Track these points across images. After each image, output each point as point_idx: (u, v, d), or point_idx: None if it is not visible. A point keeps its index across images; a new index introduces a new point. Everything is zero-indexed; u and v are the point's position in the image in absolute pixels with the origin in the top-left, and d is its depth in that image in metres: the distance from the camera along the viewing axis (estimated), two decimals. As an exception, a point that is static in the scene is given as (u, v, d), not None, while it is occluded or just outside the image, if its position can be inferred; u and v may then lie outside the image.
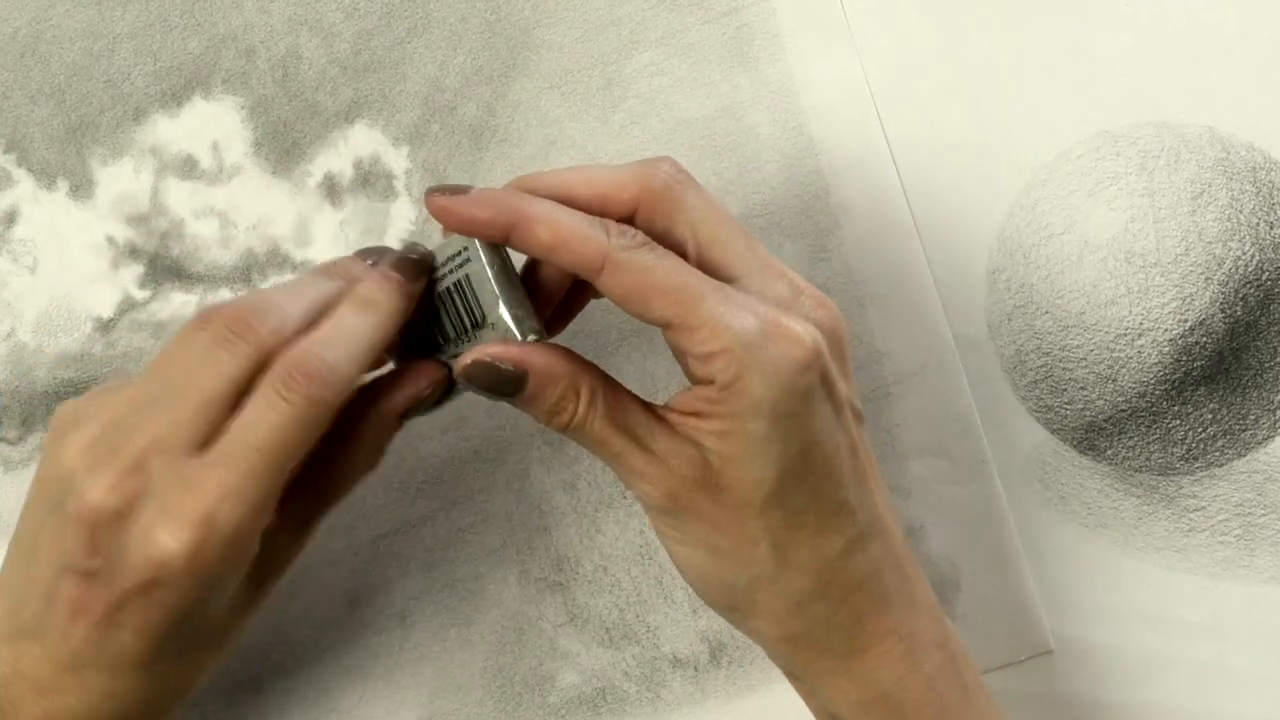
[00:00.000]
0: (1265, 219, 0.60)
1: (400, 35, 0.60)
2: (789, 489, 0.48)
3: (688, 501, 0.48)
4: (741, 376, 0.46)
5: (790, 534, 0.48)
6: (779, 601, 0.49)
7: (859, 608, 0.49)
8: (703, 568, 0.50)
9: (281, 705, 0.60)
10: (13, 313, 0.60)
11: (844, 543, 0.49)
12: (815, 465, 0.48)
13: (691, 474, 0.48)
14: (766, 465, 0.47)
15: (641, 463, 0.48)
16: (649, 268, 0.47)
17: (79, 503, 0.46)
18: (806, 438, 0.47)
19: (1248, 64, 0.60)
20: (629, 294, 0.47)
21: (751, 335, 0.46)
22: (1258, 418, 0.60)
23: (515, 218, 0.48)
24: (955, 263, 0.61)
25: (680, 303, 0.47)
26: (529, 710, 0.60)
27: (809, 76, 0.61)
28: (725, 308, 0.47)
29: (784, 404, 0.47)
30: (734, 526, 0.48)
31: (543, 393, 0.48)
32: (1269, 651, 0.60)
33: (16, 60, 0.60)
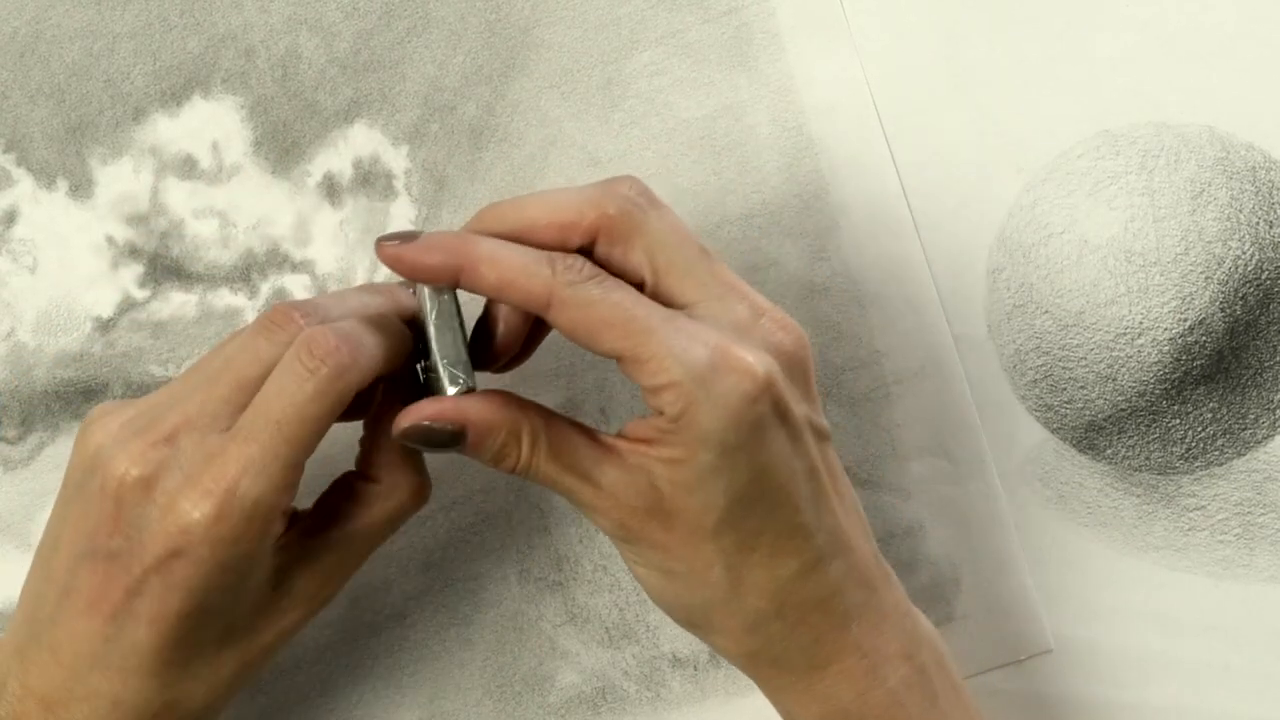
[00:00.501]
0: (1265, 218, 0.60)
1: (400, 35, 0.60)
2: (740, 515, 0.48)
3: (639, 530, 0.48)
4: (689, 410, 0.46)
5: (743, 557, 0.48)
6: (734, 621, 0.50)
7: (817, 626, 0.50)
8: (660, 589, 0.50)
9: (281, 705, 0.60)
10: (12, 313, 0.60)
11: (799, 565, 0.49)
12: (767, 492, 0.48)
13: (640, 503, 0.48)
14: (716, 493, 0.47)
15: (590, 496, 0.49)
16: (594, 301, 0.47)
17: (105, 474, 0.47)
18: (757, 467, 0.47)
19: (1248, 64, 0.60)
20: (576, 329, 0.47)
21: (700, 368, 0.46)
22: (1257, 417, 0.60)
23: (462, 260, 0.48)
24: (955, 262, 0.61)
25: (628, 335, 0.47)
26: (529, 710, 0.60)
27: (809, 76, 0.61)
28: (675, 339, 0.47)
29: (732, 436, 0.47)
30: (687, 550, 0.48)
31: (483, 443, 0.49)
32: (1269, 651, 0.60)
33: (16, 60, 0.60)
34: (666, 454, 0.47)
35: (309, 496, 0.60)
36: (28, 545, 0.59)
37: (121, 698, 0.48)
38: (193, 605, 0.47)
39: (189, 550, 0.46)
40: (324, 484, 0.60)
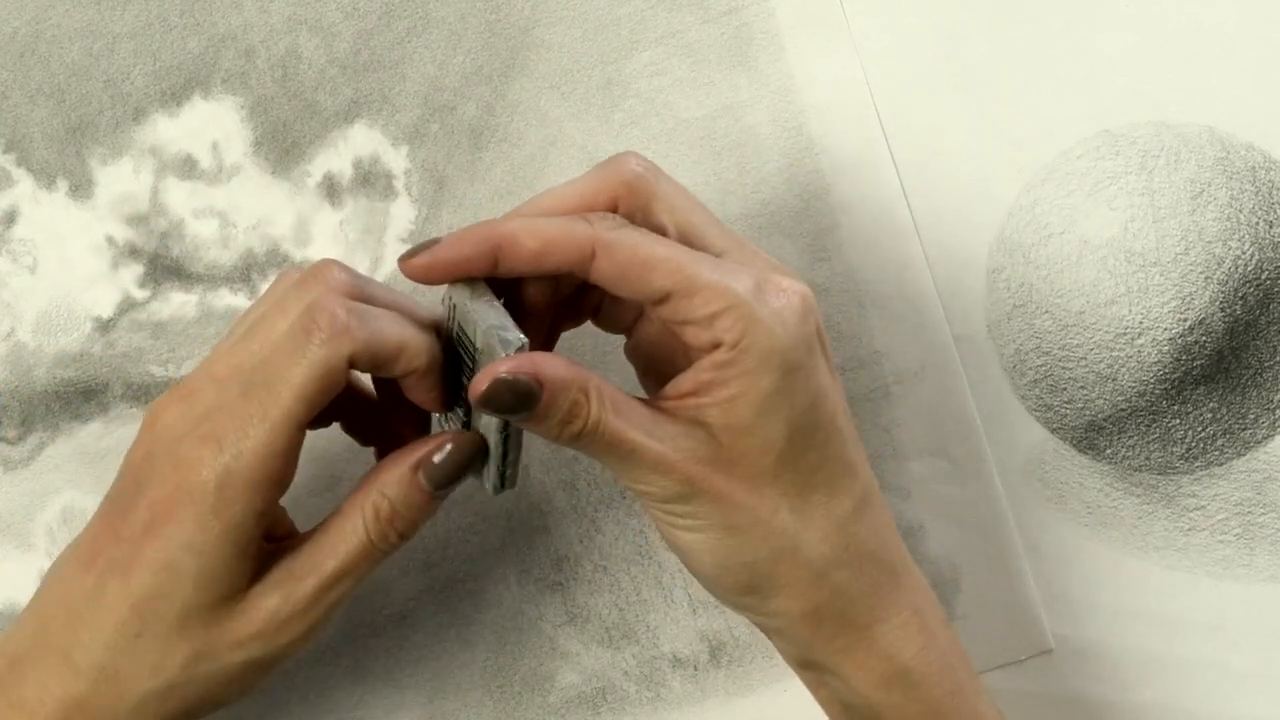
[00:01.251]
0: (1265, 218, 0.60)
1: (400, 35, 0.60)
2: (799, 448, 0.48)
3: (702, 483, 0.48)
4: (749, 331, 0.47)
5: (804, 498, 0.49)
6: (801, 572, 0.49)
7: (874, 576, 0.50)
8: (721, 551, 0.49)
9: (281, 705, 0.60)
10: (12, 313, 0.60)
11: (853, 504, 0.49)
12: (822, 420, 0.48)
13: (704, 453, 0.48)
14: (777, 424, 0.47)
15: (654, 455, 0.48)
16: (640, 243, 0.47)
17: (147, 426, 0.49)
18: (813, 390, 0.48)
19: (1248, 64, 0.60)
20: (625, 272, 0.47)
21: (751, 291, 0.47)
22: (1257, 417, 0.60)
23: (498, 240, 0.48)
24: (955, 262, 0.61)
25: (677, 270, 0.47)
26: (529, 710, 0.60)
27: (809, 76, 0.61)
28: (721, 272, 0.47)
29: (792, 354, 0.47)
30: (751, 499, 0.48)
31: (556, 400, 0.48)
32: (1269, 651, 0.60)
33: (16, 60, 0.60)
34: (721, 395, 0.47)
35: (308, 496, 0.60)
36: (27, 545, 0.59)
37: (72, 650, 0.48)
38: (162, 559, 0.47)
39: (176, 497, 0.47)
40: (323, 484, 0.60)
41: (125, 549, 0.48)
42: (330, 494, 0.60)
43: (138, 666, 0.48)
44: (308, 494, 0.60)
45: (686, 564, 0.51)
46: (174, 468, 0.47)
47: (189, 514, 0.47)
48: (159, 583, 0.47)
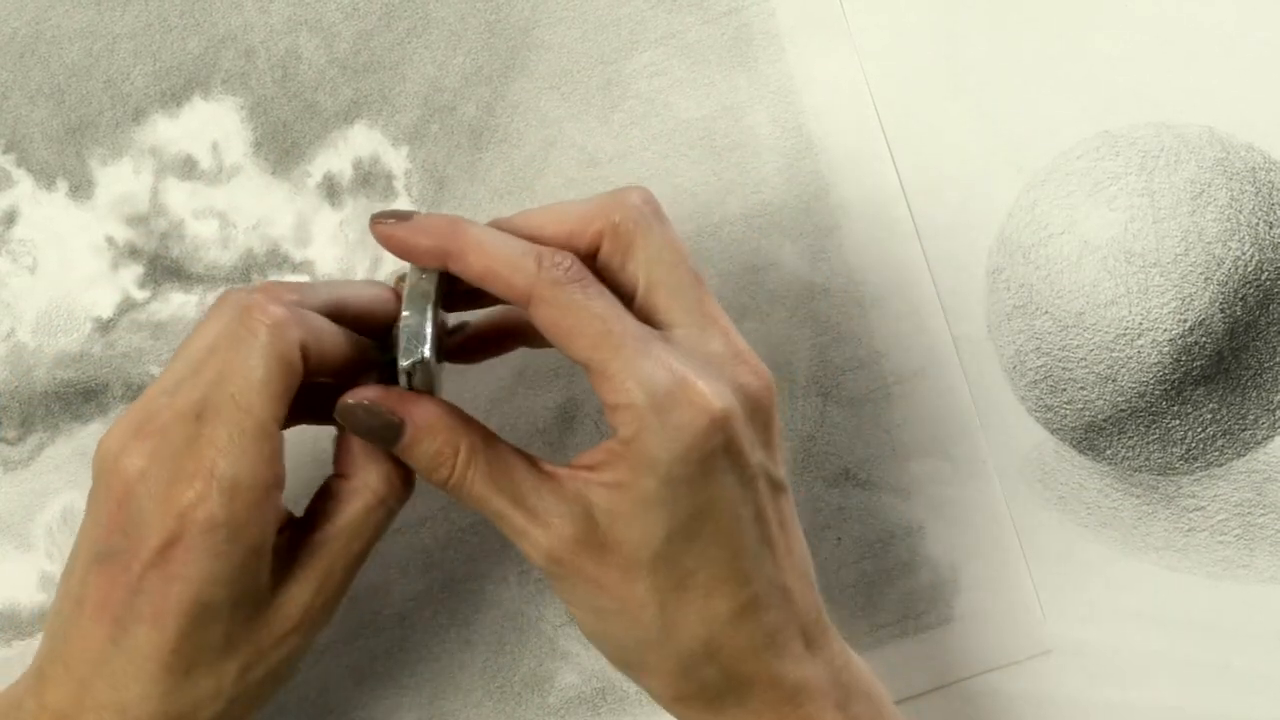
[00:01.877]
0: (1265, 219, 0.60)
1: (400, 35, 0.60)
2: (677, 551, 0.47)
3: (571, 562, 0.48)
4: (640, 434, 0.46)
5: (678, 596, 0.48)
6: (667, 663, 0.49)
7: (749, 673, 0.49)
8: (592, 627, 0.50)
9: (281, 705, 0.60)
10: (12, 313, 0.60)
11: (733, 608, 0.48)
12: (706, 531, 0.47)
13: (573, 532, 0.47)
14: (655, 525, 0.47)
15: (522, 522, 0.48)
16: (573, 306, 0.47)
17: (107, 475, 0.48)
18: (700, 502, 0.47)
19: (1248, 64, 0.60)
20: (551, 329, 0.47)
21: (659, 395, 0.46)
22: (1257, 417, 0.60)
23: (451, 245, 0.48)
24: (955, 263, 0.61)
25: (598, 348, 0.47)
26: (529, 710, 0.60)
27: (809, 76, 0.61)
28: (641, 361, 0.46)
29: (678, 468, 0.46)
30: (620, 588, 0.48)
31: (418, 445, 0.48)
32: (1269, 651, 0.60)
33: (16, 60, 0.60)
34: (609, 478, 0.47)
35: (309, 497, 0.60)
36: (27, 545, 0.59)
37: (127, 707, 0.48)
38: (192, 598, 0.47)
39: (183, 538, 0.46)
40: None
41: (145, 599, 0.47)
42: (330, 494, 0.60)
43: (198, 699, 0.48)
44: (308, 494, 0.60)
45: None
46: (168, 512, 0.47)
47: (204, 551, 0.46)
48: (196, 620, 0.47)
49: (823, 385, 0.60)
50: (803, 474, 0.60)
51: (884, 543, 0.61)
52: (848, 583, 0.61)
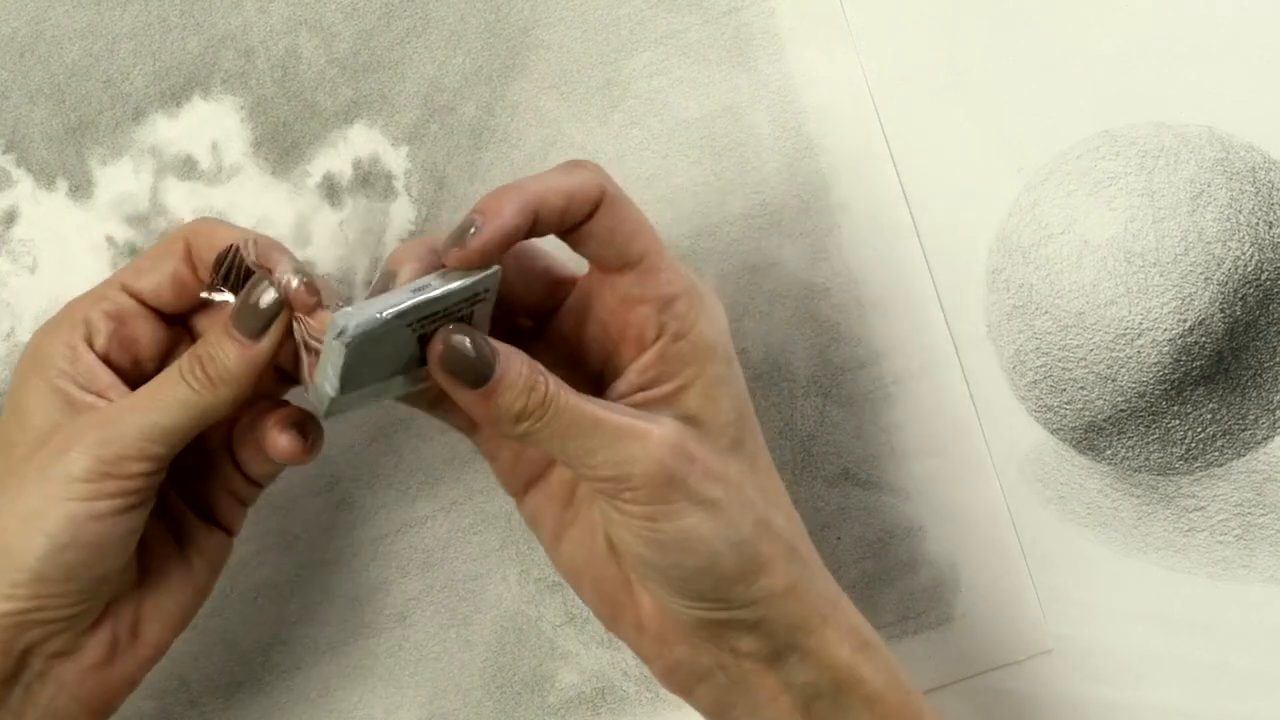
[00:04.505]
0: (1265, 219, 0.60)
1: (400, 35, 0.60)
2: (743, 430, 0.50)
3: (682, 455, 0.48)
4: (697, 323, 0.49)
5: (753, 477, 0.50)
6: (779, 545, 0.50)
7: (814, 553, 0.52)
8: (708, 535, 0.48)
9: (281, 705, 0.60)
10: (12, 313, 0.60)
11: (781, 485, 0.51)
12: (748, 409, 0.51)
13: (672, 431, 0.48)
14: (727, 407, 0.50)
15: (623, 427, 0.48)
16: (634, 207, 0.50)
17: None
18: (742, 384, 0.51)
19: (1248, 64, 0.60)
20: (618, 227, 0.49)
21: (697, 285, 0.50)
22: (1257, 417, 0.60)
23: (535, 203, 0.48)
24: (955, 263, 0.61)
25: (654, 242, 0.50)
26: (529, 710, 0.60)
27: (809, 76, 0.60)
28: (675, 260, 0.50)
29: (728, 349, 0.50)
30: (725, 472, 0.49)
31: (510, 372, 0.47)
32: (1269, 651, 0.60)
33: (16, 60, 0.60)
34: (671, 386, 0.49)
35: (308, 496, 0.60)
36: (28, 545, 0.59)
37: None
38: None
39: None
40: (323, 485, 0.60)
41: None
42: (330, 494, 0.60)
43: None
44: (308, 494, 0.60)
45: (671, 563, 0.49)
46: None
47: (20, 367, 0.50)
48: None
49: (823, 385, 0.60)
50: (803, 474, 0.60)
51: (884, 543, 0.61)
52: (848, 583, 0.60)
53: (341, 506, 0.60)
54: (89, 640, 0.50)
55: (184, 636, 0.59)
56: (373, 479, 0.60)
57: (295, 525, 0.60)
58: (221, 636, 0.60)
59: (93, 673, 0.50)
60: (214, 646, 0.60)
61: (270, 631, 0.60)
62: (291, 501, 0.60)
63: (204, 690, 0.60)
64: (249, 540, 0.59)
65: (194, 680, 0.60)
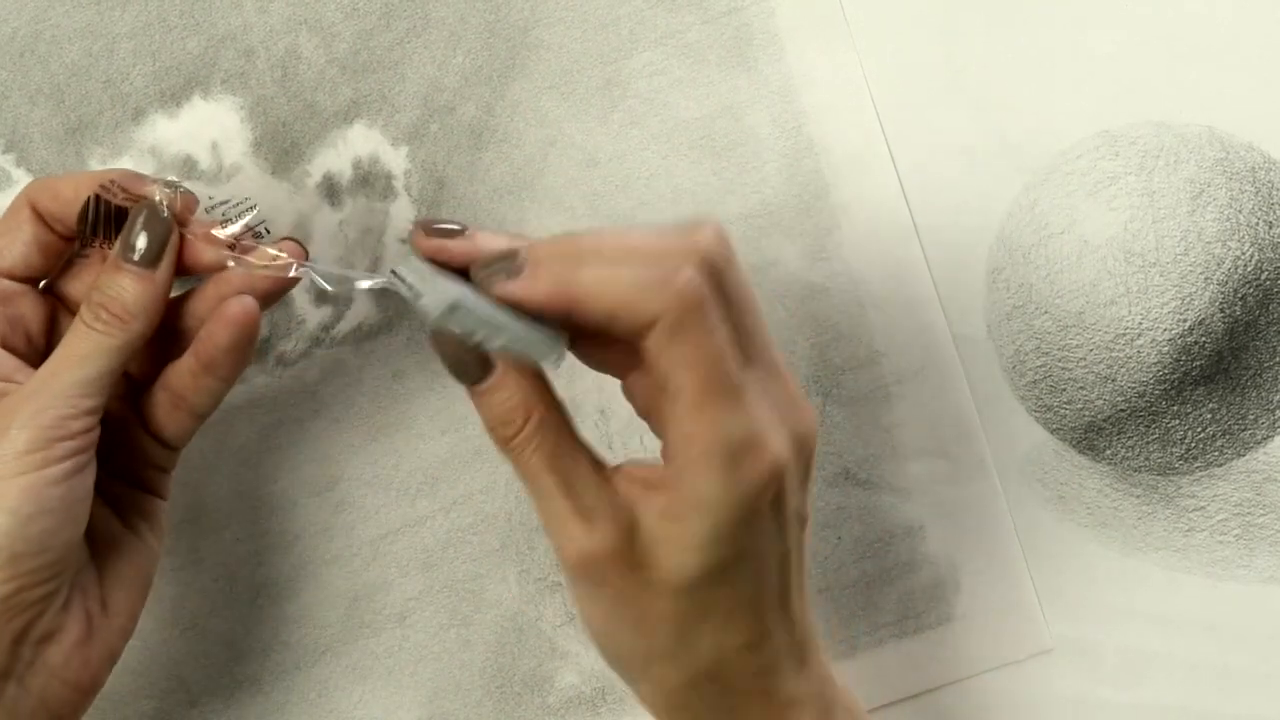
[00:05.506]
0: (1264, 219, 0.60)
1: (399, 35, 0.60)
2: (706, 585, 0.47)
3: (600, 569, 0.47)
4: (704, 476, 0.46)
5: (696, 621, 0.48)
6: (672, 679, 0.49)
7: (746, 693, 0.49)
8: (601, 630, 0.49)
9: (281, 705, 0.60)
10: (12, 313, 0.60)
11: (745, 640, 0.49)
12: (738, 573, 0.48)
13: (613, 541, 0.47)
14: (692, 561, 0.47)
15: (566, 513, 0.48)
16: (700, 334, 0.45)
17: None
18: (738, 550, 0.47)
19: (1248, 64, 0.60)
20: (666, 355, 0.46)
21: (733, 448, 0.46)
22: (1257, 417, 0.60)
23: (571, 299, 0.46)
24: (955, 263, 0.61)
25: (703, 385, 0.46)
26: (529, 710, 0.60)
27: (809, 76, 0.61)
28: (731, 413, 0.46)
29: (727, 516, 0.46)
30: (642, 602, 0.48)
31: (496, 394, 0.48)
32: (1269, 651, 0.60)
33: (16, 60, 0.60)
34: (662, 503, 0.47)
35: (308, 496, 0.60)
36: (28, 545, 0.59)
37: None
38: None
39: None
40: (323, 484, 0.60)
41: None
42: (330, 494, 0.60)
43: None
44: (308, 494, 0.60)
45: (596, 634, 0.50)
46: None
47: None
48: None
49: (823, 385, 0.60)
50: (803, 474, 0.60)
51: (884, 542, 0.61)
52: (848, 583, 0.61)
53: (341, 506, 0.60)
54: (67, 619, 0.50)
55: (184, 636, 0.59)
56: (373, 479, 0.60)
57: (295, 525, 0.60)
58: (221, 636, 0.60)
59: (76, 651, 0.50)
60: (214, 646, 0.60)
61: (270, 631, 0.60)
62: (291, 501, 0.60)
63: (204, 690, 0.60)
64: (249, 540, 0.59)
65: (194, 680, 0.60)
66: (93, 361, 0.50)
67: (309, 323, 0.60)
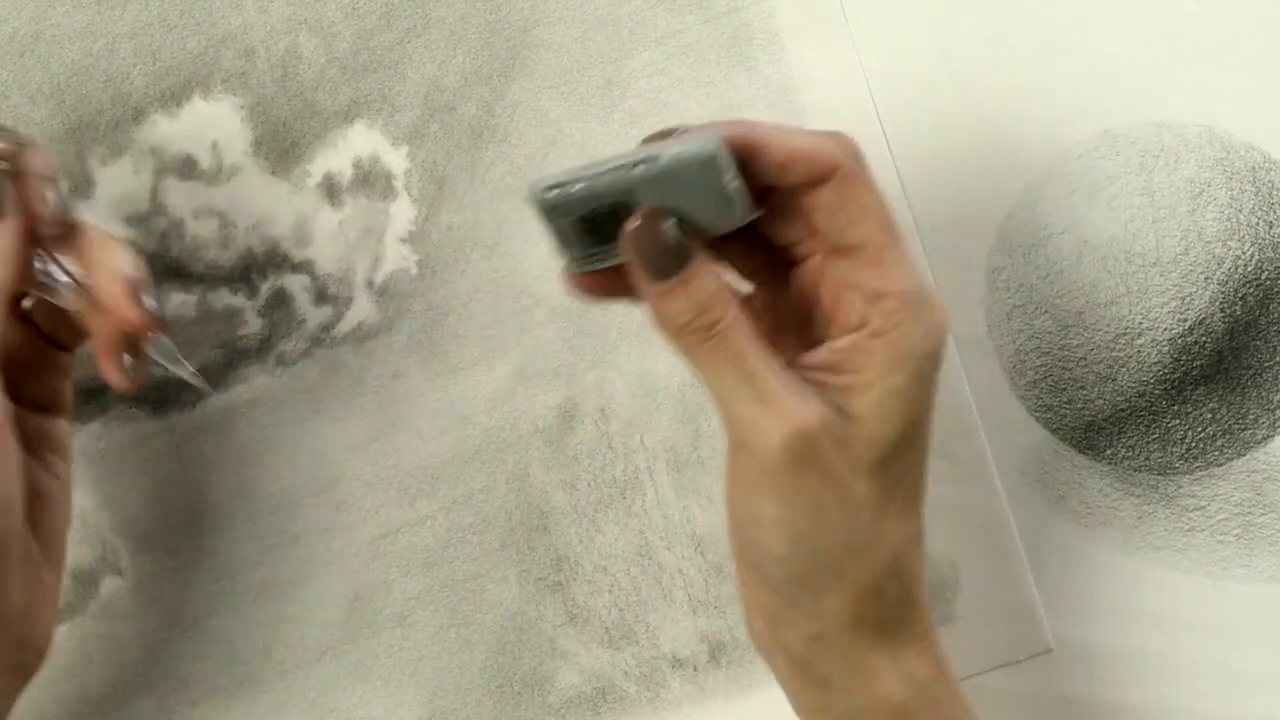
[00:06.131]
0: (1264, 219, 0.60)
1: (400, 35, 0.60)
2: (894, 458, 0.47)
3: (802, 451, 0.46)
4: (901, 327, 0.47)
5: (885, 506, 0.48)
6: (864, 574, 0.48)
7: (915, 600, 0.49)
8: (799, 529, 0.47)
9: (281, 705, 0.60)
10: (12, 313, 0.60)
11: (916, 529, 0.49)
12: (916, 442, 0.48)
13: (815, 422, 0.46)
14: (889, 424, 0.47)
15: (776, 391, 0.46)
16: (870, 187, 0.47)
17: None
18: (923, 407, 0.48)
19: (1248, 64, 0.60)
20: (844, 210, 0.47)
21: (923, 291, 0.47)
22: (1257, 417, 0.60)
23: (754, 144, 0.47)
24: (955, 262, 0.61)
25: (881, 234, 0.47)
26: (529, 710, 0.60)
27: (809, 76, 0.61)
28: (907, 258, 0.48)
29: (924, 366, 0.47)
30: (846, 483, 0.47)
31: (700, 279, 0.47)
32: (1269, 651, 0.60)
33: (16, 60, 0.60)
34: (849, 379, 0.47)
35: (308, 496, 0.60)
36: (28, 545, 0.59)
37: None
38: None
39: None
40: (322, 484, 0.60)
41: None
42: (330, 494, 0.60)
43: None
44: (307, 494, 0.60)
45: (753, 539, 0.48)
46: None
47: None
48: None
49: (823, 385, 0.61)
50: (803, 474, 0.60)
51: (884, 542, 0.61)
52: (848, 582, 0.61)
53: (341, 506, 0.60)
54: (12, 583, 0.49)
55: (184, 636, 0.59)
56: (373, 479, 0.60)
57: (295, 525, 0.60)
58: (221, 636, 0.60)
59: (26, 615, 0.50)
60: (214, 646, 0.60)
61: (270, 631, 0.60)
62: (291, 501, 0.60)
63: (204, 690, 0.60)
64: (249, 540, 0.60)
65: (194, 680, 0.60)
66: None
67: (309, 323, 0.60)
